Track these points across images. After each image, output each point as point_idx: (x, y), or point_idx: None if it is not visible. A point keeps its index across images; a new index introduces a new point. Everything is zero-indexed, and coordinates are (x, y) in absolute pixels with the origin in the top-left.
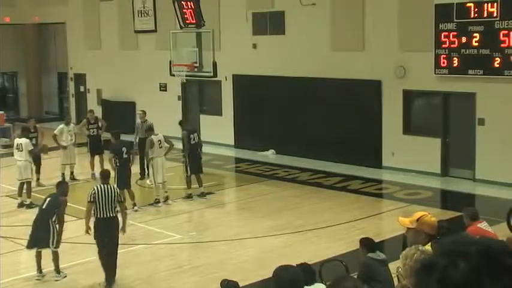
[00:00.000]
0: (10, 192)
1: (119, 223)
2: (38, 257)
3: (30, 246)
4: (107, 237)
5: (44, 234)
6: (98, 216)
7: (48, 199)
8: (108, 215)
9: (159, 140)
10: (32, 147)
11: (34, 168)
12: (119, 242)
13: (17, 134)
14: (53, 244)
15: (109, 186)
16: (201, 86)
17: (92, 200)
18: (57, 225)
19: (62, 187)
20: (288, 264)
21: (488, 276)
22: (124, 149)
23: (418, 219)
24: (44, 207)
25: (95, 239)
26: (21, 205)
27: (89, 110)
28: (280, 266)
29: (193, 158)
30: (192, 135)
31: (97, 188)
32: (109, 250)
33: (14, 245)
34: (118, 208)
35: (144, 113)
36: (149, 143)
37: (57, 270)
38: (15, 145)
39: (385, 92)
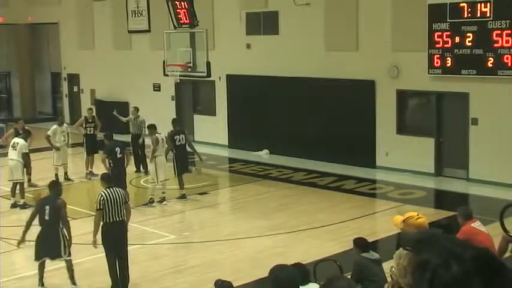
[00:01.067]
0: (3, 193)
1: (127, 226)
2: (41, 267)
3: (39, 257)
4: (117, 242)
5: (53, 244)
6: (107, 221)
7: (47, 207)
8: (116, 219)
9: (162, 139)
10: (27, 151)
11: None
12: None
13: (10, 133)
14: (65, 253)
15: (114, 190)
16: (195, 86)
17: (101, 207)
18: (65, 231)
19: (57, 188)
20: (284, 264)
21: (480, 283)
22: (117, 149)
23: (404, 220)
24: (46, 218)
25: (102, 243)
26: (14, 205)
27: (88, 108)
28: (276, 265)
29: (179, 158)
30: (177, 137)
31: (104, 194)
32: (120, 255)
33: (8, 246)
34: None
35: (137, 109)
36: (155, 141)
37: (73, 281)
38: (11, 143)
39: (378, 92)
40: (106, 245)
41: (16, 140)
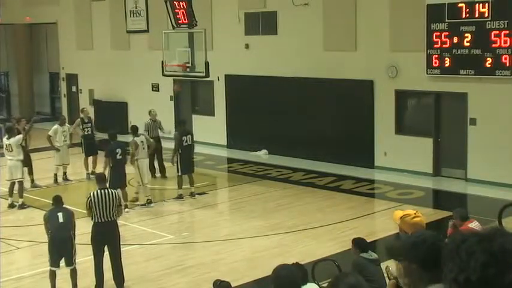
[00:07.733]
0: (3, 193)
1: (118, 227)
2: (53, 276)
3: (56, 264)
4: (107, 242)
5: (67, 250)
6: (96, 221)
7: (60, 214)
8: (107, 219)
9: (142, 141)
10: (23, 144)
11: (26, 169)
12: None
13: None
14: (74, 260)
15: (106, 191)
16: (193, 86)
17: (89, 208)
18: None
19: (60, 200)
20: (287, 264)
21: (479, 248)
22: (118, 151)
23: (400, 217)
24: (62, 221)
25: (91, 242)
26: (11, 206)
27: (82, 108)
28: (279, 265)
29: (185, 158)
30: (184, 137)
31: (93, 195)
32: (113, 255)
33: (6, 246)
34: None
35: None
36: (134, 145)
37: None
38: (4, 146)
39: (377, 92)
40: (94, 244)
41: (6, 141)
